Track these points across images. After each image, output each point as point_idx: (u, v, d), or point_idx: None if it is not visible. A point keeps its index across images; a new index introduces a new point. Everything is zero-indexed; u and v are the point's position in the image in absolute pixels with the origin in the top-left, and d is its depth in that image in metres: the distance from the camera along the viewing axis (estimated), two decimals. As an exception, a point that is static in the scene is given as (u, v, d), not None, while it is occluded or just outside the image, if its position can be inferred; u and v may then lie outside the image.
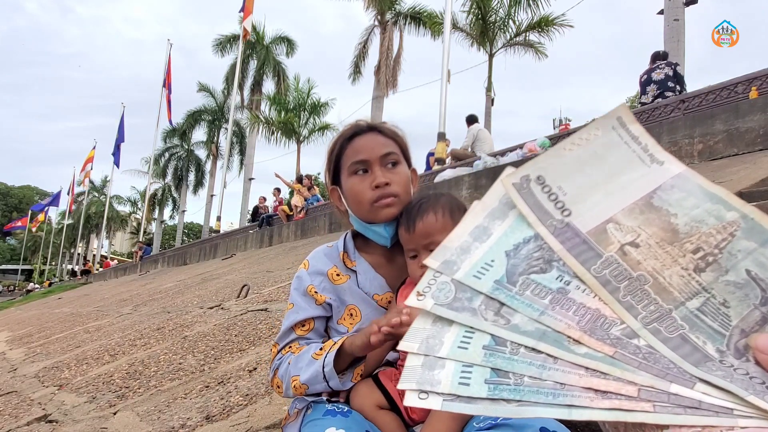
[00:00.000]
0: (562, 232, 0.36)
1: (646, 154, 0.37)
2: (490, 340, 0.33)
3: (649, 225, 0.35)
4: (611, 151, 0.37)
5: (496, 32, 16.02)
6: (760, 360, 0.30)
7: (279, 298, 4.46)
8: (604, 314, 0.33)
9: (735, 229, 0.33)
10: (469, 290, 0.36)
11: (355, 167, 1.06)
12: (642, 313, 0.33)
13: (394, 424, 0.98)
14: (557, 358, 0.32)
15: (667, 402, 0.29)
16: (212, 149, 28.12)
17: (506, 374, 0.32)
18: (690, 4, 10.12)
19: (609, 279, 0.34)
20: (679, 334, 0.31)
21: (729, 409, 0.28)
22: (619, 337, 0.32)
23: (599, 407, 0.30)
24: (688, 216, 0.34)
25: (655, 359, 0.31)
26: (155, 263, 18.94)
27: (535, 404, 0.30)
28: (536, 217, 0.37)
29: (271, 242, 12.03)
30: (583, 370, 0.31)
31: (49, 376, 3.74)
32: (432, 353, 0.34)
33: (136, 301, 7.88)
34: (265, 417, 1.96)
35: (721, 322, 0.31)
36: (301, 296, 1.12)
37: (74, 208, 44.16)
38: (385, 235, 1.08)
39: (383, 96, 18.07)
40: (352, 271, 1.12)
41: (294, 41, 24.52)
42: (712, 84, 6.17)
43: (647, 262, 0.34)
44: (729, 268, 0.32)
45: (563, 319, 0.33)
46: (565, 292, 0.34)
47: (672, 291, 0.33)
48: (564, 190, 0.37)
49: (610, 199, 0.36)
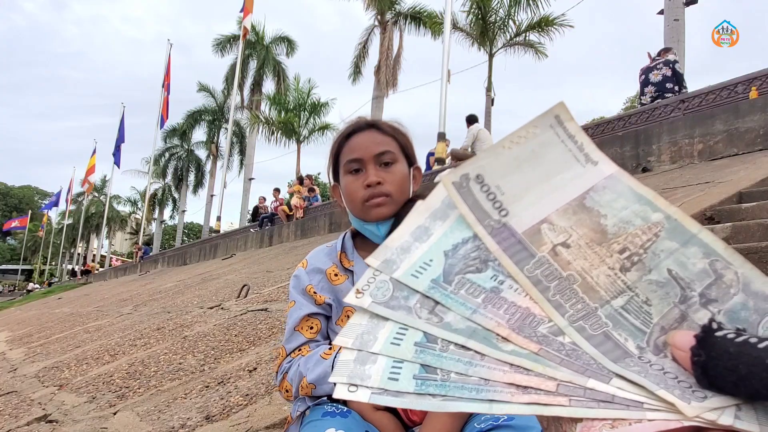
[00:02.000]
0: (498, 233, 0.37)
1: (581, 154, 0.38)
2: (422, 337, 0.35)
3: (580, 226, 0.36)
4: (548, 150, 0.38)
5: (496, 32, 16.01)
6: (676, 356, 0.31)
7: (279, 298, 4.46)
8: (534, 313, 0.34)
9: (659, 230, 0.35)
10: (406, 289, 0.37)
11: (349, 166, 1.06)
12: (569, 312, 0.34)
13: (393, 425, 0.98)
14: (484, 355, 0.33)
15: (583, 396, 0.31)
16: (212, 149, 28.11)
17: (434, 370, 0.33)
18: (690, 4, 10.12)
19: (540, 279, 0.35)
20: (602, 332, 0.33)
21: (639, 402, 0.30)
22: (545, 334, 0.34)
23: (518, 402, 0.31)
24: (617, 217, 0.36)
25: (577, 356, 0.32)
26: (155, 263, 18.94)
27: (459, 399, 0.32)
28: (474, 217, 0.38)
29: (271, 242, 12.03)
30: (507, 367, 0.33)
31: (49, 376, 3.74)
32: (365, 348, 0.35)
33: (136, 301, 7.88)
34: (265, 417, 1.96)
35: (643, 320, 0.33)
36: (301, 294, 1.11)
37: (74, 209, 44.21)
38: (379, 234, 1.07)
39: (383, 96, 18.07)
40: (349, 271, 1.11)
41: (294, 41, 24.54)
42: (712, 84, 6.17)
43: (577, 262, 0.35)
44: (652, 267, 0.34)
45: (494, 318, 0.34)
46: (498, 291, 0.35)
47: (599, 290, 0.34)
48: (502, 190, 0.38)
49: (545, 199, 0.37)
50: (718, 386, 0.28)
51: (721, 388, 0.28)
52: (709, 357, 0.29)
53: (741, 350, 0.28)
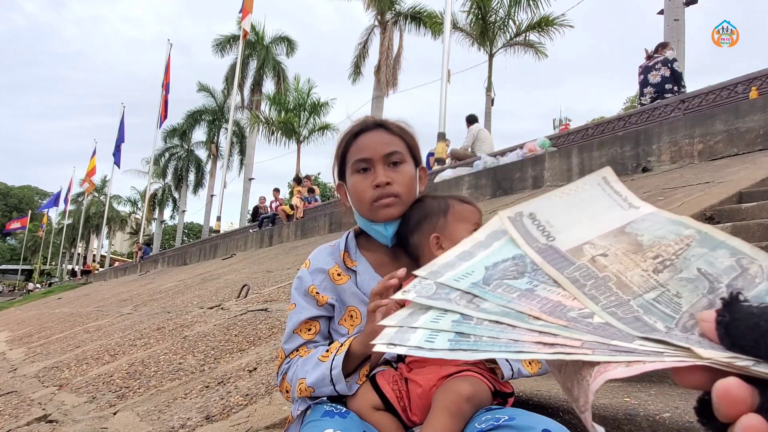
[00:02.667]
0: (544, 251, 0.42)
1: (625, 203, 0.44)
2: (459, 317, 0.38)
3: (618, 243, 0.41)
4: (595, 200, 0.44)
5: (496, 32, 16.02)
6: (701, 328, 0.33)
7: (279, 298, 4.46)
8: (565, 304, 0.38)
9: (690, 241, 0.39)
10: (448, 288, 0.41)
11: (357, 165, 1.06)
12: (603, 302, 0.37)
13: (393, 425, 0.98)
14: (516, 326, 0.37)
15: (606, 350, 0.33)
16: (212, 149, 28.12)
17: (468, 336, 0.36)
18: (690, 4, 10.12)
19: (578, 278, 0.39)
20: (633, 315, 0.36)
21: (660, 352, 0.32)
22: (575, 317, 0.37)
23: (544, 352, 0.34)
24: (653, 235, 0.41)
25: (604, 329, 0.35)
26: (155, 263, 18.95)
27: (489, 351, 0.35)
28: (524, 241, 0.43)
29: (271, 242, 12.03)
30: (537, 334, 0.36)
31: (49, 376, 3.74)
32: (406, 324, 0.39)
33: (136, 301, 7.88)
34: (265, 417, 1.96)
35: (673, 308, 0.36)
36: (302, 296, 1.11)
37: (73, 209, 44.21)
38: (386, 235, 1.07)
39: (383, 96, 18.08)
40: (352, 271, 1.11)
41: (294, 41, 24.56)
42: (712, 84, 6.17)
43: (613, 266, 0.39)
44: (683, 268, 0.37)
45: (527, 305, 0.38)
46: (532, 291, 0.39)
47: (632, 286, 0.38)
48: (551, 224, 0.44)
49: (589, 230, 0.43)
50: (740, 345, 0.30)
51: (743, 347, 0.29)
52: (732, 318, 0.30)
53: (764, 311, 0.29)
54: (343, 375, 0.96)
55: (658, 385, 1.48)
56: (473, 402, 0.93)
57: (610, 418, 1.21)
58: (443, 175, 7.82)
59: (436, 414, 0.92)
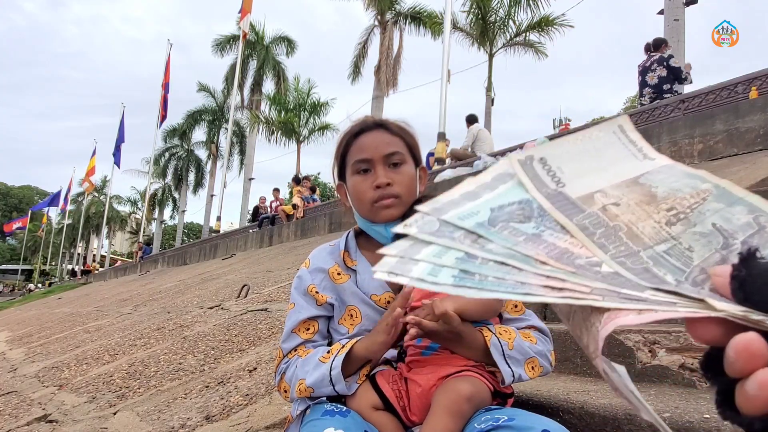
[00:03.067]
0: (554, 197, 0.40)
1: (640, 153, 0.42)
2: (464, 255, 0.37)
3: (632, 193, 0.39)
4: (609, 148, 0.42)
5: (496, 32, 16.01)
6: (714, 282, 0.32)
7: (279, 298, 4.46)
8: (573, 251, 0.37)
9: (707, 195, 0.37)
10: (452, 226, 0.40)
11: (358, 166, 1.06)
12: (612, 251, 0.36)
13: (392, 425, 0.98)
14: (522, 269, 0.36)
15: (617, 297, 0.33)
16: (212, 149, 28.11)
17: (473, 274, 0.36)
18: (690, 4, 10.12)
19: (587, 226, 0.38)
20: (642, 267, 0.35)
21: (673, 302, 0.32)
22: (582, 264, 0.36)
23: (552, 296, 0.33)
24: (668, 186, 0.39)
25: (613, 278, 0.34)
26: (155, 263, 18.94)
27: (495, 291, 0.34)
28: (533, 185, 0.41)
29: (271, 242, 12.03)
30: (544, 278, 0.35)
31: (49, 376, 3.74)
32: (408, 256, 0.38)
33: (136, 301, 7.88)
34: (265, 417, 1.96)
35: (684, 262, 0.35)
36: (302, 296, 1.10)
37: (73, 209, 44.19)
38: (386, 235, 1.07)
39: (383, 96, 18.07)
40: (352, 270, 1.11)
41: (294, 41, 24.54)
42: (712, 84, 6.17)
43: (624, 216, 0.38)
44: (697, 222, 0.36)
45: (534, 249, 0.37)
46: (539, 236, 0.38)
47: (643, 237, 0.37)
48: (563, 170, 0.41)
49: (602, 179, 0.41)
50: (753, 301, 0.29)
51: (756, 303, 0.29)
52: (748, 274, 0.30)
53: None
54: (343, 376, 0.96)
55: (658, 385, 1.48)
56: (473, 402, 0.93)
57: (610, 418, 1.21)
58: (443, 175, 7.82)
59: (435, 413, 0.92)
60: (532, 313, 1.12)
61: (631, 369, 1.59)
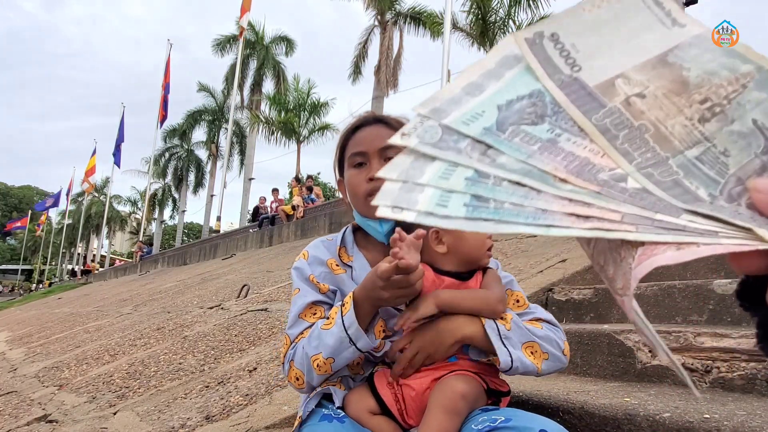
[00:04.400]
0: (568, 86, 0.35)
1: (668, 18, 0.35)
2: (473, 173, 0.33)
3: (659, 78, 0.33)
4: (631, 15, 0.36)
5: (496, 32, 16.01)
6: (755, 199, 0.29)
7: (279, 298, 4.46)
8: (593, 162, 0.32)
9: (748, 81, 0.32)
10: (456, 133, 0.34)
11: (353, 159, 1.05)
12: (637, 159, 0.32)
13: (391, 429, 0.98)
14: (541, 191, 0.31)
15: (651, 226, 0.29)
16: (212, 149, 28.11)
17: (486, 200, 0.31)
18: (690, 4, 10.12)
19: (609, 127, 0.33)
20: (672, 179, 0.31)
21: (714, 231, 0.28)
22: (606, 180, 0.31)
23: (579, 227, 0.29)
24: (702, 69, 0.33)
25: (642, 197, 0.30)
26: (155, 263, 18.94)
27: (513, 223, 0.30)
28: (544, 71, 0.35)
29: (271, 242, 12.03)
30: (566, 201, 0.31)
31: (49, 376, 3.74)
32: (411, 180, 0.33)
33: (136, 301, 7.88)
34: (265, 417, 1.96)
35: (719, 170, 0.30)
36: (305, 282, 1.08)
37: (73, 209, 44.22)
38: (380, 231, 1.06)
39: (383, 96, 18.07)
40: (347, 266, 1.10)
41: (293, 41, 24.55)
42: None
43: (651, 111, 0.33)
44: (735, 118, 0.31)
45: (551, 162, 0.32)
46: (554, 142, 0.33)
47: (672, 140, 0.32)
48: (577, 48, 0.36)
49: (624, 56, 0.35)
50: None
51: None
52: None
53: None
54: (362, 331, 0.92)
55: (658, 385, 1.48)
56: (468, 399, 0.93)
57: (610, 418, 1.21)
58: None
59: (432, 412, 0.92)
60: (537, 306, 1.09)
61: (632, 369, 1.59)
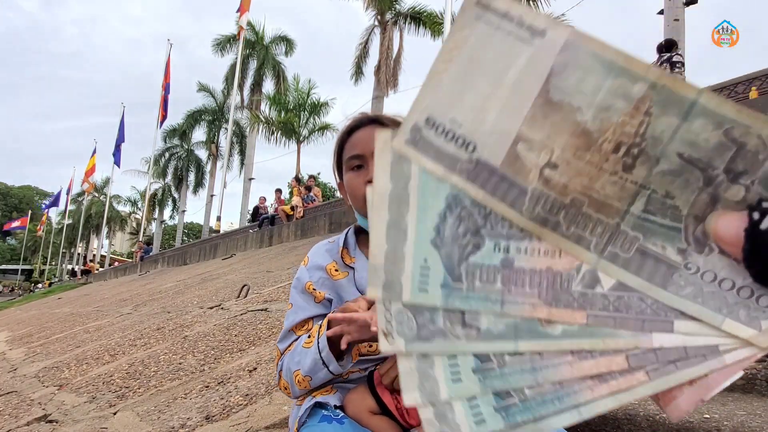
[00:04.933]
0: (476, 174, 0.32)
1: (523, 29, 0.31)
2: (475, 362, 0.32)
3: (557, 134, 0.30)
4: (486, 46, 0.31)
5: (496, 32, 16.03)
6: (723, 247, 0.28)
7: (279, 298, 4.46)
8: (558, 270, 0.31)
9: (648, 107, 0.29)
10: (425, 310, 0.33)
11: (351, 162, 1.05)
12: (593, 240, 0.30)
13: (391, 429, 0.98)
14: (541, 353, 0.31)
15: (656, 362, 0.29)
16: (212, 149, 28.10)
17: (508, 394, 0.32)
18: (690, 4, 10.11)
19: (545, 216, 0.31)
20: (636, 249, 0.30)
21: (714, 346, 0.28)
22: (583, 292, 0.31)
23: (601, 395, 0.30)
24: (594, 106, 0.29)
25: (627, 306, 0.30)
26: (155, 263, 18.94)
27: (548, 416, 0.31)
28: (443, 167, 0.33)
29: (271, 242, 12.03)
30: (569, 357, 0.31)
31: (49, 376, 3.74)
32: (435, 399, 0.33)
33: (136, 301, 7.88)
34: (265, 417, 1.96)
35: (672, 215, 0.29)
36: (300, 294, 1.10)
37: (73, 209, 44.21)
38: None
39: (383, 96, 18.07)
40: (350, 267, 1.11)
41: (293, 41, 24.54)
42: (712, 84, 6.17)
43: (573, 181, 0.30)
44: (659, 155, 0.29)
45: (524, 300, 0.31)
46: (510, 264, 0.32)
47: (611, 202, 0.30)
48: (458, 122, 0.32)
49: (507, 109, 0.31)
50: None
51: None
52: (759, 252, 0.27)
53: None
54: (333, 356, 0.96)
55: (658, 385, 1.48)
56: None
57: (610, 418, 1.21)
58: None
59: None
60: None
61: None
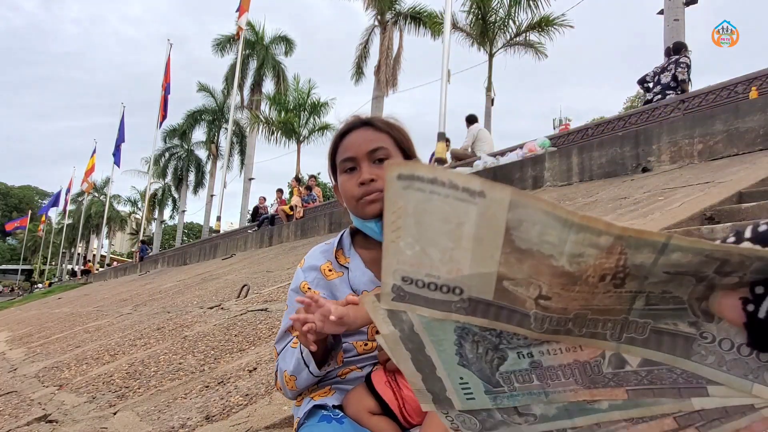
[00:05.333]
0: (474, 309, 0.33)
1: (459, 192, 0.30)
2: None
3: (538, 274, 0.31)
4: (429, 210, 0.31)
5: (496, 32, 16.01)
6: (725, 318, 0.30)
7: (279, 298, 4.46)
8: (585, 360, 0.33)
9: (621, 250, 0.29)
10: (481, 412, 0.36)
11: (344, 165, 1.06)
12: (607, 333, 0.31)
13: (390, 429, 0.98)
14: (599, 425, 0.33)
15: (701, 419, 0.31)
16: (212, 149, 28.11)
17: None
18: (690, 4, 10.11)
19: (557, 329, 0.32)
20: (650, 330, 0.31)
21: (750, 405, 0.30)
22: (614, 372, 0.32)
23: None
24: (565, 254, 0.29)
25: (659, 378, 0.31)
26: (155, 263, 18.93)
27: None
28: (438, 311, 0.34)
29: (271, 242, 12.03)
30: (624, 423, 0.33)
31: (49, 376, 3.74)
32: None
33: (136, 301, 7.87)
34: (265, 417, 1.96)
35: (675, 301, 0.30)
36: (296, 294, 1.11)
37: (74, 208, 44.21)
38: (378, 231, 1.07)
39: (383, 95, 18.07)
40: (344, 267, 1.12)
41: (293, 41, 24.55)
42: (712, 84, 6.17)
43: (571, 304, 0.31)
44: (646, 275, 0.29)
45: (565, 389, 0.34)
46: (539, 365, 0.33)
47: (613, 307, 0.31)
48: (435, 275, 0.33)
49: (477, 259, 0.31)
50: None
51: None
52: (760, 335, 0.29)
53: None
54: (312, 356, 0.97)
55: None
56: None
57: None
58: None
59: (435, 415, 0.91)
60: None
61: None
